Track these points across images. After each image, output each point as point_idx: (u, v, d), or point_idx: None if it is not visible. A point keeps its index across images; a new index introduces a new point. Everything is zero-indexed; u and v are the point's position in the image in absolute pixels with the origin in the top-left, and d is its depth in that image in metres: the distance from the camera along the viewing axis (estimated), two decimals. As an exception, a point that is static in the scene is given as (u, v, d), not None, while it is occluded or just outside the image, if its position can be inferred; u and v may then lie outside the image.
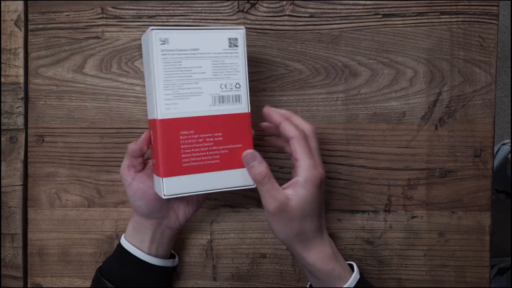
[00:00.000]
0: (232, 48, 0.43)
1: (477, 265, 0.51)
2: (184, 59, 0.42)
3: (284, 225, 0.41)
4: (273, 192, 0.41)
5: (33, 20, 0.54)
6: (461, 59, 0.50)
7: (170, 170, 0.41)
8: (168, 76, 0.41)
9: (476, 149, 0.50)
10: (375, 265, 0.52)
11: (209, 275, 0.53)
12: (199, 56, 0.42)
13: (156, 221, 0.46)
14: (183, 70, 0.42)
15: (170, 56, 0.41)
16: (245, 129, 0.43)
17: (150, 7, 0.53)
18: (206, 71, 0.42)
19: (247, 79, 0.43)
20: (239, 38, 0.43)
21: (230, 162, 0.43)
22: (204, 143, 0.42)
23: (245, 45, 0.43)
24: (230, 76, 0.43)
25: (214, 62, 0.42)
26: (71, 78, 0.54)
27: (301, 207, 0.41)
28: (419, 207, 0.51)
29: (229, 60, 0.43)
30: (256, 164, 0.42)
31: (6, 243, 0.55)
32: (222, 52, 0.43)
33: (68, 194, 0.54)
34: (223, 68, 0.43)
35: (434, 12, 0.50)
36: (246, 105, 0.43)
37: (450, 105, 0.51)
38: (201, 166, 0.42)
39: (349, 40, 0.51)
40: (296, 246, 0.43)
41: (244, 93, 0.43)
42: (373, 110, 0.51)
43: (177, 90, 0.42)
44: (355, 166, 0.52)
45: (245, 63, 0.43)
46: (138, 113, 0.53)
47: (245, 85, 0.43)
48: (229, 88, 0.43)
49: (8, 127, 0.55)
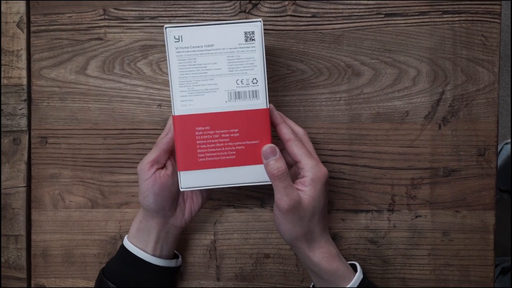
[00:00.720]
0: (248, 42, 0.42)
1: (481, 264, 0.51)
2: (198, 55, 0.42)
3: (295, 223, 0.42)
4: (288, 190, 0.41)
5: (36, 22, 0.55)
6: (464, 58, 0.50)
7: (186, 164, 0.42)
8: (183, 73, 0.42)
9: (479, 148, 0.50)
10: (379, 265, 0.52)
11: (213, 276, 0.53)
12: (213, 52, 0.42)
13: (162, 219, 0.46)
14: (198, 67, 0.42)
15: (185, 53, 0.42)
16: (263, 125, 0.43)
17: (152, 8, 0.53)
18: (222, 67, 0.42)
19: (265, 74, 0.42)
20: (256, 31, 0.42)
21: (246, 158, 0.43)
22: (220, 139, 0.42)
23: (262, 38, 0.42)
24: (247, 71, 0.42)
25: (229, 58, 0.42)
26: (74, 80, 0.54)
27: (312, 205, 0.41)
28: (423, 207, 0.51)
29: (245, 55, 0.42)
30: (275, 159, 0.42)
31: (10, 245, 0.55)
32: (238, 47, 0.42)
33: (71, 195, 0.54)
34: (239, 63, 0.42)
35: (436, 11, 0.50)
36: (264, 100, 0.43)
37: (454, 104, 0.50)
38: (217, 161, 0.43)
39: (351, 40, 0.51)
40: (302, 245, 0.43)
41: (262, 89, 0.43)
42: (376, 110, 0.51)
43: (192, 87, 0.42)
44: (358, 166, 0.52)
45: (262, 57, 0.42)
46: (141, 114, 0.53)
47: (263, 80, 0.42)
48: (245, 84, 0.42)
49: (12, 128, 0.55)
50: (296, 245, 0.44)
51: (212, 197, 0.53)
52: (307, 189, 0.41)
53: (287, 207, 0.41)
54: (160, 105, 0.53)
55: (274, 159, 0.41)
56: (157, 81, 0.53)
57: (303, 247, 0.43)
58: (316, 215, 0.42)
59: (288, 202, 0.41)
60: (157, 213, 0.45)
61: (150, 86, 0.53)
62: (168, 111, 0.53)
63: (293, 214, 0.41)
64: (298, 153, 0.42)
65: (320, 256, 0.43)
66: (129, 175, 0.54)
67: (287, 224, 0.42)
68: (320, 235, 0.43)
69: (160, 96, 0.53)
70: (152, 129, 0.53)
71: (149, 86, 0.53)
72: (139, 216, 0.47)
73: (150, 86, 0.53)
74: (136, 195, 0.54)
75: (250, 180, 0.43)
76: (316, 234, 0.43)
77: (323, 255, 0.43)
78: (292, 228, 0.42)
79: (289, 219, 0.42)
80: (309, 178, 0.41)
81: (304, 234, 0.42)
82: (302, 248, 0.43)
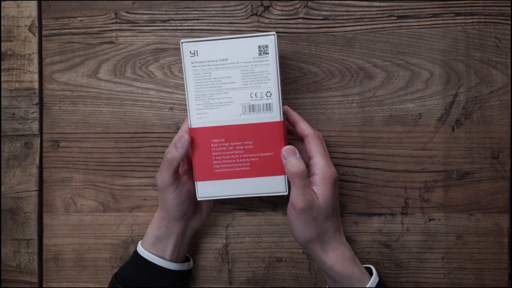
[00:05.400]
0: (262, 56, 0.42)
1: (495, 267, 0.51)
2: (213, 70, 0.42)
3: (309, 224, 0.42)
4: (306, 189, 0.41)
5: (47, 26, 0.55)
6: (477, 60, 0.50)
7: (202, 175, 0.43)
8: (199, 87, 0.43)
9: (493, 150, 0.50)
10: (393, 268, 0.51)
11: (225, 280, 0.53)
12: (228, 66, 0.42)
13: (184, 223, 0.47)
14: (213, 81, 0.42)
15: (200, 67, 0.42)
16: (277, 137, 0.43)
17: (163, 11, 0.53)
18: (236, 81, 0.42)
19: (279, 87, 0.43)
20: (269, 45, 0.42)
21: (260, 170, 0.43)
22: (235, 151, 0.43)
23: (276, 51, 0.42)
24: (261, 84, 0.43)
25: (243, 71, 0.42)
26: (86, 83, 0.54)
27: (325, 205, 0.42)
28: (436, 210, 0.51)
29: (259, 69, 0.42)
30: (295, 158, 0.42)
31: (21, 249, 0.55)
32: (252, 61, 0.42)
33: (83, 199, 0.54)
34: (253, 76, 0.42)
35: (449, 13, 0.50)
36: (278, 113, 0.43)
37: (467, 107, 0.50)
38: (232, 173, 0.43)
39: (363, 42, 0.51)
40: (315, 247, 0.43)
41: (276, 102, 0.43)
42: (389, 112, 0.51)
43: (208, 100, 0.43)
44: (371, 169, 0.51)
45: (276, 70, 0.42)
46: (153, 117, 0.53)
47: (277, 93, 0.43)
48: (259, 97, 0.43)
49: (23, 132, 0.55)
50: (309, 247, 0.44)
51: (224, 201, 0.53)
52: (319, 189, 0.42)
53: (302, 206, 0.41)
54: (171, 108, 0.53)
55: (295, 158, 0.42)
56: (169, 85, 0.53)
57: (316, 249, 0.43)
58: (330, 216, 0.42)
59: (304, 201, 0.41)
60: (181, 218, 0.46)
61: (162, 89, 0.53)
62: (180, 114, 0.53)
63: (307, 214, 0.41)
64: (314, 150, 0.43)
65: (334, 258, 0.43)
66: (140, 178, 0.54)
67: (301, 224, 0.42)
68: (333, 236, 0.43)
69: (172, 100, 0.53)
70: (163, 132, 0.53)
71: (160, 90, 0.53)
72: (157, 223, 0.47)
73: (161, 90, 0.53)
74: (148, 198, 0.54)
75: (264, 191, 0.44)
76: (329, 235, 0.43)
77: (337, 258, 0.43)
78: (305, 229, 0.42)
79: (303, 220, 0.42)
80: (320, 177, 0.42)
81: (318, 235, 0.42)
82: (315, 250, 0.43)
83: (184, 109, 0.53)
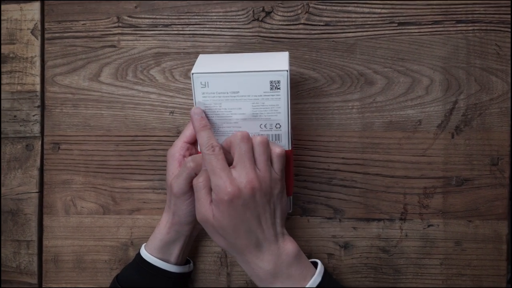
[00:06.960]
0: (273, 91, 0.41)
1: (494, 274, 0.51)
2: (224, 101, 0.42)
3: (213, 236, 0.42)
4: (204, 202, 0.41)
5: (50, 29, 0.55)
6: (478, 67, 0.50)
7: None
8: (209, 116, 0.43)
9: (493, 157, 0.50)
10: (391, 274, 0.52)
11: (223, 283, 0.53)
12: (239, 98, 0.42)
13: (193, 225, 0.46)
14: (223, 111, 0.42)
15: (211, 98, 0.42)
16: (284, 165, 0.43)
17: (165, 16, 0.53)
18: (246, 112, 0.42)
19: (289, 119, 0.42)
20: (281, 80, 0.41)
21: None
22: None
23: (288, 86, 0.41)
24: (271, 117, 0.42)
25: (254, 104, 0.42)
26: (87, 86, 0.54)
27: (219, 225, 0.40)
28: (435, 216, 0.51)
29: (270, 102, 0.42)
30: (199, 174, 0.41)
31: (21, 250, 0.55)
32: (263, 95, 0.42)
33: (83, 201, 0.55)
34: (263, 109, 0.42)
35: (450, 21, 0.50)
36: (287, 143, 0.43)
37: (467, 114, 0.50)
38: None
39: (364, 49, 0.51)
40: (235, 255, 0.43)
41: (285, 132, 0.43)
42: (388, 118, 0.51)
43: (218, 128, 0.43)
44: (370, 174, 0.51)
45: (287, 104, 0.42)
46: (154, 121, 0.54)
47: (286, 125, 0.43)
48: (268, 128, 0.43)
49: (25, 134, 0.55)
50: None
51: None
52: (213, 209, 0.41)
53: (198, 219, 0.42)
54: (172, 112, 0.53)
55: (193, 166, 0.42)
56: (170, 89, 0.53)
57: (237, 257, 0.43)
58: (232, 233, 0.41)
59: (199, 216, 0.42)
60: (193, 221, 0.46)
61: (163, 93, 0.53)
62: (180, 118, 0.53)
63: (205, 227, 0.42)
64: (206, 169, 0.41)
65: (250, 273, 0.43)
66: (140, 181, 0.54)
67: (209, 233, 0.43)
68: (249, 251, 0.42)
69: (173, 104, 0.53)
70: (164, 136, 0.53)
71: (161, 93, 0.53)
72: (166, 228, 0.46)
73: (162, 93, 0.53)
74: (148, 201, 0.54)
75: None
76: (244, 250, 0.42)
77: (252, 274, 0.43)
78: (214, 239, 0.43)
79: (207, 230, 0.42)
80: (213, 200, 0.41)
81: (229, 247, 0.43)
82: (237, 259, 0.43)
83: (184, 113, 0.53)
